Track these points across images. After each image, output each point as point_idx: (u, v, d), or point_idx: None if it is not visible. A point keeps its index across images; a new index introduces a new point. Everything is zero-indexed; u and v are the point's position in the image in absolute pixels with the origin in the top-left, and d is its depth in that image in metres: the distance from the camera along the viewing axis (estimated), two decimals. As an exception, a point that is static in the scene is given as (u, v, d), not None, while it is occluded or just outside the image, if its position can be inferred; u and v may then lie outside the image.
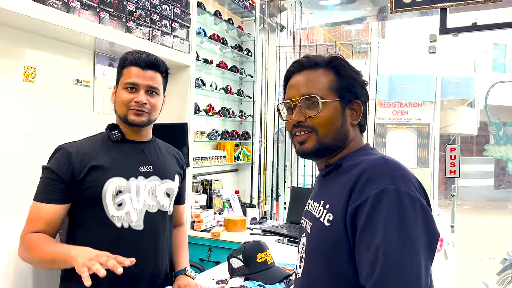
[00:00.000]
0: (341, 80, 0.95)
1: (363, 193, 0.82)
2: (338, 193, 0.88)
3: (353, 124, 0.97)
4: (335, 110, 0.94)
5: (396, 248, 0.76)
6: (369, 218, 0.80)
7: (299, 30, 3.44)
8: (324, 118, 0.93)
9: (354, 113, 0.97)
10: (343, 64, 0.97)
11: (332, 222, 0.87)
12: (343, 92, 0.95)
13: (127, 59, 1.32)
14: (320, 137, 0.93)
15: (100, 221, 1.26)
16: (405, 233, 0.77)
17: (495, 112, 3.02)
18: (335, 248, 0.86)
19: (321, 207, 0.92)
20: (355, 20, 5.88)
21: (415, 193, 0.81)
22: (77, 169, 1.24)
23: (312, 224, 0.95)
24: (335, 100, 0.94)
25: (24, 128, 1.77)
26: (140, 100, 1.29)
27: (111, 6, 1.86)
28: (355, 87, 0.96)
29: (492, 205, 11.70)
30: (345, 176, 0.89)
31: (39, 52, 1.82)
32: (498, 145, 2.80)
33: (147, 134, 1.40)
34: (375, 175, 0.83)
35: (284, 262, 1.77)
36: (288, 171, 3.44)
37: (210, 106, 2.85)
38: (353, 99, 0.96)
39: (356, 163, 0.90)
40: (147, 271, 1.31)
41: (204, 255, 2.34)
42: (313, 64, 0.97)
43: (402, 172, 0.84)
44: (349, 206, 0.84)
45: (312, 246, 0.93)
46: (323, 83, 0.95)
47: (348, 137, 0.96)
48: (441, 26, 2.63)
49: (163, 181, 1.38)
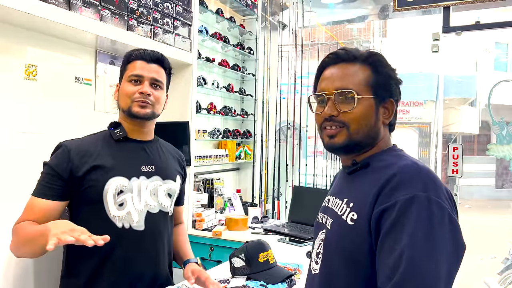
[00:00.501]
0: (378, 77, 0.93)
1: (391, 197, 0.81)
2: (364, 193, 0.86)
3: (385, 123, 0.95)
4: (369, 107, 0.92)
5: (421, 255, 0.75)
6: (395, 222, 0.78)
7: (301, 28, 3.42)
8: (358, 114, 0.91)
9: (387, 111, 0.95)
10: (381, 60, 0.95)
11: (356, 222, 0.86)
12: (378, 89, 0.93)
13: (132, 55, 1.32)
14: (351, 132, 0.91)
15: (100, 221, 1.25)
16: (432, 241, 0.76)
17: (498, 111, 3.01)
18: (356, 247, 0.85)
19: (344, 205, 0.91)
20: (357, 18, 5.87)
21: (444, 202, 0.80)
22: (77, 167, 1.23)
23: (333, 220, 0.93)
24: (370, 97, 0.92)
25: (26, 126, 1.76)
26: (144, 91, 1.28)
27: (112, 4, 1.85)
28: (391, 85, 0.95)
29: (494, 205, 11.68)
30: (373, 177, 0.88)
31: (40, 50, 1.81)
32: (501, 144, 2.79)
33: (150, 133, 1.39)
34: (406, 181, 0.82)
35: (286, 261, 1.76)
36: (290, 170, 3.43)
37: (211, 105, 2.84)
38: (387, 98, 0.94)
39: (386, 165, 0.89)
40: (148, 271, 1.30)
41: (205, 254, 2.33)
42: (351, 58, 0.94)
43: (434, 181, 0.82)
44: (375, 208, 0.82)
45: (332, 243, 0.92)
46: (360, 79, 0.92)
47: (378, 136, 0.94)
48: (444, 24, 2.62)
49: (164, 181, 1.37)
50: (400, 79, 0.97)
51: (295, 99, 3.39)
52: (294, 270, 1.64)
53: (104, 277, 1.24)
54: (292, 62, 3.39)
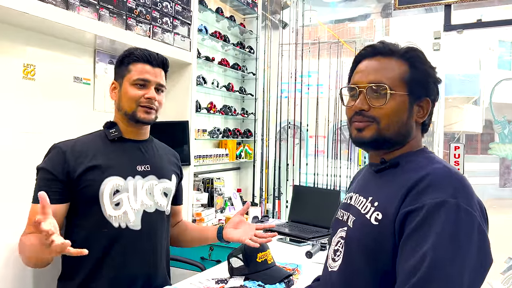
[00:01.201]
0: (414, 74, 0.90)
1: (419, 199, 0.79)
2: (391, 193, 0.84)
3: (418, 122, 0.92)
4: (402, 104, 0.89)
5: (444, 259, 0.73)
6: (420, 224, 0.76)
7: (302, 27, 3.41)
8: (390, 110, 0.88)
9: (421, 110, 0.91)
10: (420, 56, 0.91)
11: (380, 221, 0.84)
12: (414, 86, 0.89)
13: (134, 55, 1.30)
14: (381, 128, 0.88)
15: (97, 221, 1.24)
16: (457, 246, 0.74)
17: (500, 110, 2.98)
18: (379, 246, 0.83)
19: (368, 203, 0.89)
20: (358, 17, 5.85)
21: (475, 211, 0.77)
22: (72, 168, 1.23)
23: (355, 218, 0.91)
24: (404, 94, 0.88)
25: (24, 126, 1.76)
26: (152, 97, 1.28)
27: (111, 3, 1.84)
28: (428, 83, 0.91)
29: (497, 204, 11.62)
30: (402, 177, 0.85)
31: (38, 50, 1.81)
32: (503, 143, 2.77)
33: (146, 133, 1.39)
34: (436, 184, 0.79)
35: (285, 261, 1.75)
36: (290, 169, 3.42)
37: (211, 104, 2.84)
38: (423, 96, 0.90)
39: (416, 166, 0.86)
40: (145, 271, 1.30)
41: (205, 254, 2.33)
42: (388, 52, 0.91)
43: (465, 188, 0.80)
44: (401, 209, 0.80)
45: (353, 241, 0.90)
46: (395, 74, 0.89)
47: (410, 134, 0.91)
48: (446, 23, 2.60)
49: (160, 181, 1.37)
50: (439, 78, 0.93)
51: (296, 98, 3.37)
52: (292, 270, 1.63)
53: (100, 277, 1.24)
54: (292, 61, 3.38)
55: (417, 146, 0.93)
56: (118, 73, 1.34)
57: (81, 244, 1.24)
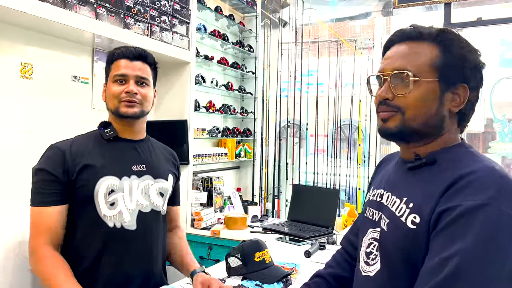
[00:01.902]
0: (447, 58, 0.81)
1: (456, 198, 0.72)
2: (427, 194, 0.77)
3: (453, 111, 0.82)
4: (431, 91, 0.80)
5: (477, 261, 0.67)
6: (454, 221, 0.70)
7: (302, 26, 3.40)
8: (414, 98, 0.80)
9: (457, 98, 0.81)
10: (454, 39, 0.82)
11: (419, 225, 0.77)
12: (446, 71, 0.80)
13: (114, 54, 1.31)
14: (406, 118, 0.81)
15: (92, 221, 1.24)
16: (494, 251, 0.67)
17: (501, 108, 2.97)
18: (418, 250, 0.77)
19: (403, 205, 0.81)
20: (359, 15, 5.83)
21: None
22: (71, 169, 1.23)
23: (389, 221, 0.84)
24: (433, 80, 0.80)
25: (22, 125, 1.76)
26: (130, 90, 1.26)
27: (108, 1, 1.84)
28: (464, 68, 0.81)
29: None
30: (441, 176, 0.78)
31: (36, 49, 1.81)
32: (503, 142, 2.76)
33: (141, 132, 1.38)
34: (477, 185, 0.72)
35: (283, 261, 1.74)
36: (290, 168, 3.41)
37: (210, 103, 2.83)
38: (458, 82, 0.81)
39: (456, 164, 0.78)
40: (141, 271, 1.29)
41: (204, 253, 2.32)
42: (418, 35, 0.83)
43: (510, 187, 0.72)
44: (437, 208, 0.74)
45: (390, 246, 0.83)
46: (424, 59, 0.81)
47: (442, 126, 0.82)
48: (446, 21, 2.59)
49: (156, 181, 1.36)
50: (481, 63, 0.82)
51: (295, 97, 3.37)
52: (290, 270, 1.62)
53: (96, 277, 1.24)
54: (292, 60, 3.37)
55: (454, 140, 0.84)
56: (105, 74, 1.35)
57: (77, 244, 1.25)
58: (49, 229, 1.20)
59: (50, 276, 1.16)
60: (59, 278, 1.16)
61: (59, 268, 1.18)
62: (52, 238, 1.21)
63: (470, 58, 0.82)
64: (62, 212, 1.23)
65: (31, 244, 1.21)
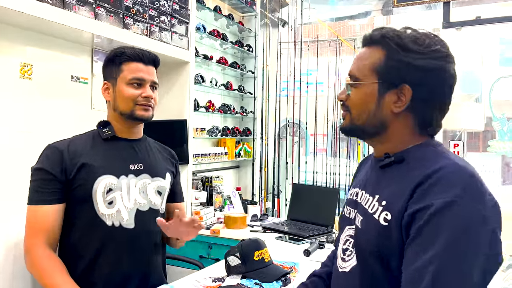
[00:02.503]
0: (388, 60, 0.84)
1: (426, 198, 0.74)
2: (398, 191, 0.80)
3: (394, 111, 0.85)
4: (368, 94, 0.86)
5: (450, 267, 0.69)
6: (425, 226, 0.73)
7: (301, 25, 3.40)
8: (355, 99, 0.88)
9: (402, 98, 0.84)
10: (396, 41, 0.84)
11: (390, 222, 0.80)
12: (387, 73, 0.84)
13: (125, 54, 1.30)
14: (352, 118, 0.89)
15: (90, 220, 1.24)
16: (464, 253, 0.70)
17: (501, 107, 2.97)
18: (390, 246, 0.80)
19: (375, 202, 0.85)
20: (359, 14, 5.83)
21: (486, 210, 0.73)
22: (69, 168, 1.23)
23: (363, 218, 0.87)
24: (374, 82, 0.85)
25: (21, 125, 1.77)
26: (149, 95, 1.30)
27: (107, 1, 1.84)
28: (407, 69, 0.82)
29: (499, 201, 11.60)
30: (409, 174, 0.81)
31: (35, 49, 1.81)
32: (502, 140, 2.76)
33: (139, 132, 1.39)
34: (445, 182, 0.74)
35: (283, 260, 1.75)
36: (290, 167, 3.42)
37: (210, 103, 2.83)
38: (399, 83, 0.83)
39: (423, 161, 0.81)
40: (139, 269, 1.30)
41: (204, 252, 2.33)
42: (369, 40, 0.89)
43: (476, 185, 0.75)
44: (408, 209, 0.76)
45: (364, 242, 0.86)
46: (367, 62, 0.87)
47: (386, 125, 0.87)
48: (444, 20, 2.59)
49: (153, 179, 1.36)
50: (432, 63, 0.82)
51: (295, 96, 3.37)
52: (289, 269, 1.63)
53: (95, 275, 1.25)
54: (292, 59, 3.37)
55: (416, 140, 0.87)
56: (109, 73, 1.33)
57: (75, 243, 1.25)
58: (45, 228, 1.20)
59: (48, 277, 1.17)
60: (56, 278, 1.16)
61: (56, 268, 1.18)
62: (48, 237, 1.21)
63: (414, 59, 0.82)
64: (59, 211, 1.23)
65: (26, 243, 1.21)
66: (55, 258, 1.21)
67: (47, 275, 1.17)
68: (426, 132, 0.88)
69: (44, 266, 1.18)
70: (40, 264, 1.18)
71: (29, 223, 1.22)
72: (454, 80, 0.86)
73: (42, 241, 1.20)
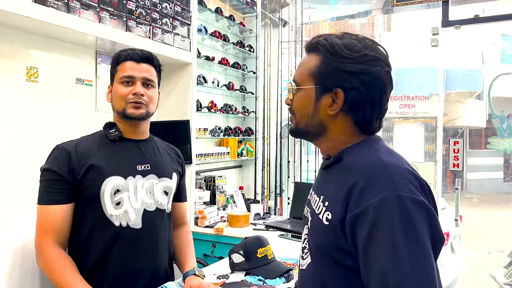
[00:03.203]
0: (323, 66, 0.89)
1: (362, 200, 0.78)
2: (335, 193, 0.85)
3: (329, 113, 0.89)
4: (307, 98, 0.92)
5: (407, 258, 0.73)
6: (372, 229, 0.76)
7: (301, 25, 3.43)
8: (296, 103, 0.94)
9: (337, 101, 0.88)
10: (327, 47, 0.89)
11: (331, 222, 0.84)
12: (322, 78, 0.89)
13: (120, 56, 1.34)
14: (296, 120, 0.95)
15: (98, 220, 1.27)
16: (414, 242, 0.74)
17: (501, 104, 2.99)
18: (335, 247, 0.84)
19: (320, 203, 0.89)
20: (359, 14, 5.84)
21: (418, 196, 0.77)
22: (77, 169, 1.26)
23: (311, 218, 0.92)
24: (310, 87, 0.91)
25: (28, 127, 1.80)
26: (138, 92, 1.30)
27: (111, 5, 1.88)
28: (339, 73, 0.87)
29: (501, 198, 11.60)
30: (344, 174, 0.85)
31: (41, 52, 1.85)
32: (501, 137, 2.78)
33: (145, 132, 1.42)
34: (373, 181, 0.79)
35: (286, 257, 1.78)
36: (292, 166, 3.44)
37: (212, 103, 2.87)
38: (333, 87, 0.88)
39: (355, 161, 0.86)
40: (147, 268, 1.33)
41: (208, 250, 2.36)
42: (307, 48, 0.95)
43: (401, 175, 0.79)
44: (348, 212, 0.80)
45: (312, 241, 0.92)
46: (305, 69, 0.93)
47: (325, 127, 0.91)
48: (443, 18, 2.61)
49: (160, 180, 1.39)
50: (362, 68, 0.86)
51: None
52: (292, 265, 1.66)
53: (102, 275, 1.27)
54: (292, 59, 3.40)
55: (356, 139, 0.91)
56: (111, 76, 1.38)
57: (84, 243, 1.28)
58: (55, 227, 1.23)
59: (58, 275, 1.20)
60: (67, 277, 1.19)
61: (67, 267, 1.22)
62: (58, 236, 1.24)
63: (343, 64, 0.87)
64: (68, 211, 1.26)
65: (38, 243, 1.24)
66: (65, 257, 1.24)
67: (58, 273, 1.20)
68: (367, 131, 0.91)
69: (55, 265, 1.21)
70: (51, 263, 1.21)
71: (39, 222, 1.25)
72: (383, 81, 0.89)
73: (52, 240, 1.23)
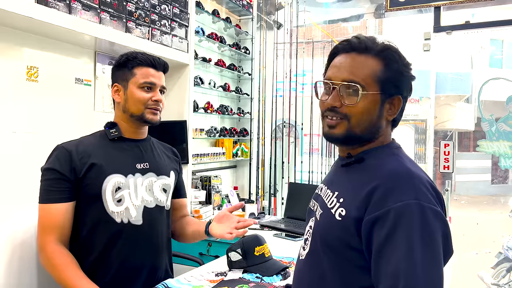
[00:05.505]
0: (388, 72, 0.89)
1: (383, 204, 0.80)
2: (355, 191, 0.86)
3: (388, 119, 0.92)
4: (374, 103, 0.89)
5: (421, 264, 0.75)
6: (391, 231, 0.77)
7: (296, 27, 3.47)
8: (361, 108, 0.88)
9: (393, 108, 0.91)
10: (395, 55, 0.90)
11: (344, 218, 0.85)
12: (386, 84, 0.89)
13: (138, 59, 1.36)
14: (351, 126, 0.89)
15: (100, 217, 1.30)
16: (430, 250, 0.76)
17: (490, 108, 3.07)
18: (342, 242, 0.85)
19: (334, 198, 0.90)
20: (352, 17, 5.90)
21: (436, 206, 0.79)
22: (78, 167, 1.29)
23: (322, 212, 0.93)
24: (376, 93, 0.89)
25: (28, 126, 1.81)
26: (159, 99, 1.37)
27: (111, 6, 1.90)
28: (401, 81, 0.91)
29: (489, 200, 11.78)
30: (366, 175, 0.87)
31: (41, 52, 1.86)
32: (490, 141, 2.86)
33: (144, 132, 1.46)
34: (397, 186, 0.81)
35: (281, 255, 1.82)
36: (286, 167, 3.48)
37: (208, 104, 2.90)
38: (394, 94, 0.90)
39: (379, 163, 0.88)
40: (147, 264, 1.36)
41: (203, 249, 2.39)
42: (363, 48, 0.90)
43: (423, 185, 0.81)
44: (367, 214, 0.81)
45: (319, 233, 0.93)
46: (369, 72, 0.89)
47: (379, 131, 0.92)
48: (435, 24, 2.68)
49: (159, 177, 1.43)
50: (413, 76, 0.93)
51: (290, 97, 3.44)
52: (289, 263, 1.69)
53: (104, 271, 1.30)
54: (287, 60, 3.44)
55: (384, 142, 0.94)
56: (120, 76, 1.39)
57: (85, 240, 1.31)
58: (56, 225, 1.26)
59: (61, 271, 1.23)
60: (69, 273, 1.22)
61: (69, 263, 1.24)
62: (60, 234, 1.27)
63: (406, 71, 0.92)
64: (70, 209, 1.29)
65: (40, 241, 1.27)
66: (67, 254, 1.26)
67: (60, 270, 1.23)
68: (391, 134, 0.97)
69: (57, 261, 1.23)
70: (53, 260, 1.24)
71: (41, 221, 1.27)
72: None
73: (54, 238, 1.26)
